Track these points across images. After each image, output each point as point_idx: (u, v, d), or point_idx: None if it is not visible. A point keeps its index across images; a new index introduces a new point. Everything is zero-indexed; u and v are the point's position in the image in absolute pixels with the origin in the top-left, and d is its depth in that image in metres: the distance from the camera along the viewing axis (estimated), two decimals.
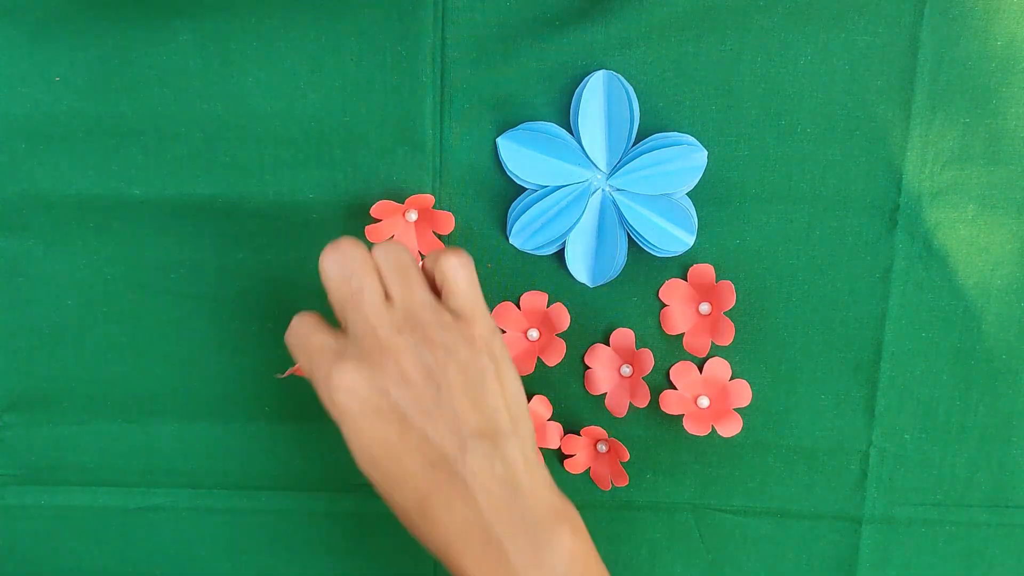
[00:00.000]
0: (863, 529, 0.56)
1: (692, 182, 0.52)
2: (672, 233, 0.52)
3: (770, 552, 0.57)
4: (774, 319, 0.54)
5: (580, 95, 0.51)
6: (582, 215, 0.52)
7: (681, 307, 0.54)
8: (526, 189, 0.53)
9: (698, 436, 0.54)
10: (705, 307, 0.54)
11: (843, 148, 0.52)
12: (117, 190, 0.53)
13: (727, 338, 0.53)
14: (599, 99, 0.52)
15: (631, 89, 0.51)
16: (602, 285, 0.54)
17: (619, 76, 0.51)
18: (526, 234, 0.53)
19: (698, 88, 0.52)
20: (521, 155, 0.52)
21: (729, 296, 0.52)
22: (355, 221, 0.53)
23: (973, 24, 0.51)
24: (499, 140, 0.52)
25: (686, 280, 0.54)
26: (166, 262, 0.54)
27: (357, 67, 0.52)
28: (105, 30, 0.52)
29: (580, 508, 0.49)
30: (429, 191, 0.53)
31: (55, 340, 0.55)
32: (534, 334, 0.54)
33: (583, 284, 0.54)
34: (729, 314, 0.53)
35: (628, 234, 0.53)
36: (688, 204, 0.52)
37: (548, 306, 0.54)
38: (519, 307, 0.54)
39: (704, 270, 0.53)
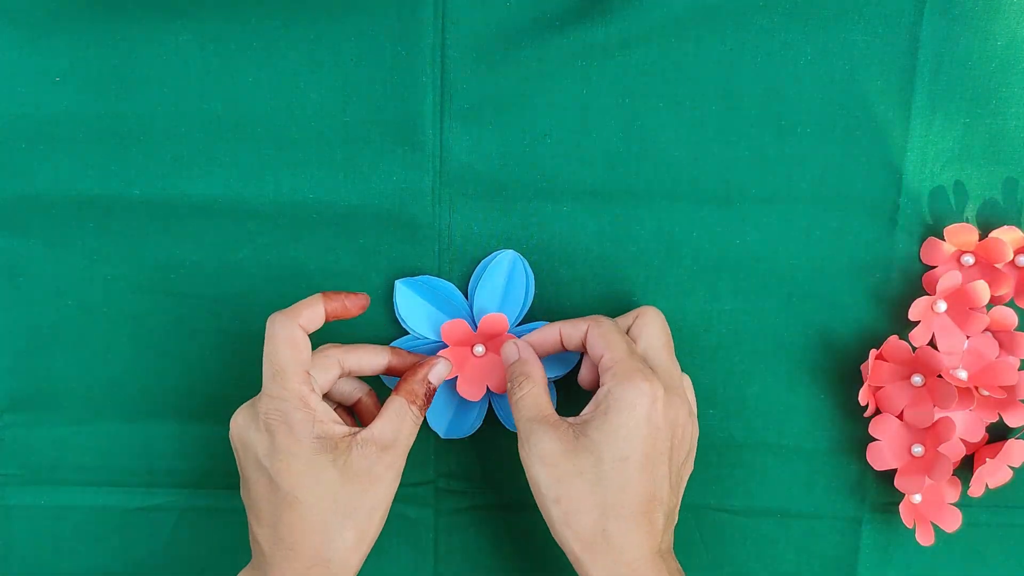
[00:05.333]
0: (863, 529, 0.56)
1: (559, 373, 0.53)
2: None
3: (770, 552, 0.57)
4: (773, 319, 0.54)
5: (484, 267, 0.53)
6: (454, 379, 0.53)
7: None
8: (408, 334, 0.54)
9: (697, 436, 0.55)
10: None
11: (843, 148, 0.52)
12: (117, 190, 0.53)
13: None
14: (501, 276, 0.53)
15: (531, 275, 0.53)
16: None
17: (523, 260, 0.53)
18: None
19: (698, 88, 0.52)
20: (415, 304, 0.53)
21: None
22: (355, 221, 0.53)
23: (973, 24, 0.51)
24: (397, 283, 0.53)
25: None
26: (166, 262, 0.54)
27: (357, 67, 0.52)
28: (105, 30, 0.52)
29: None
30: (428, 191, 0.53)
31: (55, 340, 0.55)
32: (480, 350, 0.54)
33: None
34: (728, 313, 0.54)
35: (489, 401, 0.54)
36: (551, 388, 0.54)
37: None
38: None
39: None
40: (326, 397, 0.51)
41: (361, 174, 0.53)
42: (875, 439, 0.54)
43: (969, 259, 0.53)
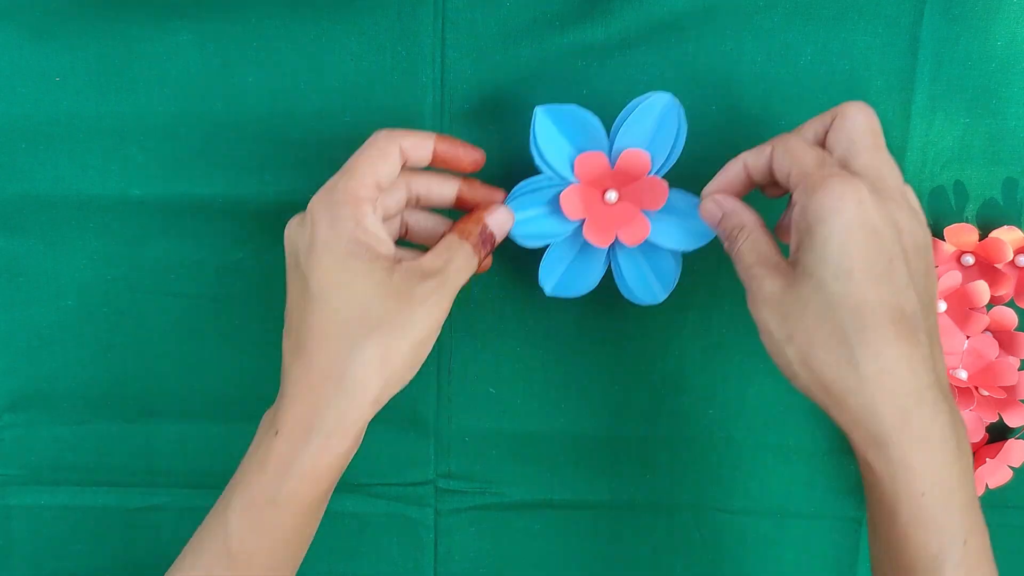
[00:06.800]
0: (863, 529, 0.56)
1: (696, 245, 0.50)
2: (650, 283, 0.51)
3: (770, 552, 0.56)
4: None
5: (633, 108, 0.48)
6: (578, 225, 0.50)
7: None
8: (539, 172, 0.49)
9: (698, 436, 0.55)
10: None
11: None
12: (117, 190, 0.53)
13: None
14: (650, 119, 0.48)
15: (685, 123, 0.48)
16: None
17: (680, 107, 0.48)
18: (517, 216, 0.49)
19: (698, 88, 0.52)
20: (552, 135, 0.48)
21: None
22: None
23: (973, 24, 0.51)
24: (538, 109, 0.48)
25: None
26: (166, 262, 0.54)
27: (357, 67, 0.52)
28: (105, 30, 0.52)
29: (580, 508, 0.49)
30: None
31: (55, 340, 0.55)
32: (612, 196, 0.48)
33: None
34: (728, 314, 0.54)
35: (610, 262, 0.51)
36: (677, 261, 0.51)
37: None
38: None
39: None
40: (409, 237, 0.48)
41: None
42: None
43: (969, 259, 0.53)
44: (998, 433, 0.55)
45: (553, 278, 0.51)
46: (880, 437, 0.38)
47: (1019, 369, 0.53)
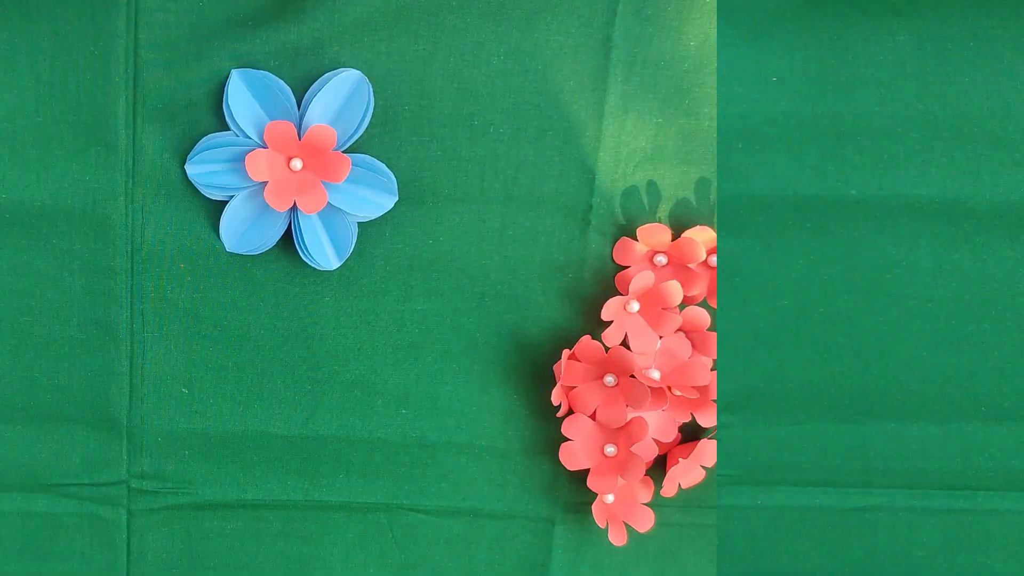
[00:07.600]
0: (556, 529, 0.56)
1: (372, 215, 0.51)
2: (325, 248, 0.51)
3: (463, 552, 0.56)
4: (466, 319, 0.54)
5: (325, 82, 0.50)
6: (261, 186, 0.50)
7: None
8: (229, 130, 0.51)
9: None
10: None
11: (536, 148, 0.52)
12: (834, 190, 0.53)
13: None
14: (340, 95, 0.50)
15: (372, 101, 0.50)
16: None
17: (369, 85, 0.50)
18: (202, 170, 0.51)
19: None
20: (244, 99, 0.50)
21: None
22: None
23: (665, 24, 0.51)
24: (233, 72, 0.50)
25: None
26: (882, 262, 0.53)
27: None
28: (822, 30, 0.52)
29: (267, 508, 0.52)
30: (121, 192, 0.52)
31: (772, 340, 0.54)
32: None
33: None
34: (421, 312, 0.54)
35: (291, 224, 0.51)
36: (353, 229, 0.52)
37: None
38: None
39: None
40: None
41: None
42: (568, 439, 0.53)
43: (662, 259, 0.53)
44: (691, 433, 0.55)
45: (235, 237, 0.52)
46: None
47: (712, 369, 0.53)
